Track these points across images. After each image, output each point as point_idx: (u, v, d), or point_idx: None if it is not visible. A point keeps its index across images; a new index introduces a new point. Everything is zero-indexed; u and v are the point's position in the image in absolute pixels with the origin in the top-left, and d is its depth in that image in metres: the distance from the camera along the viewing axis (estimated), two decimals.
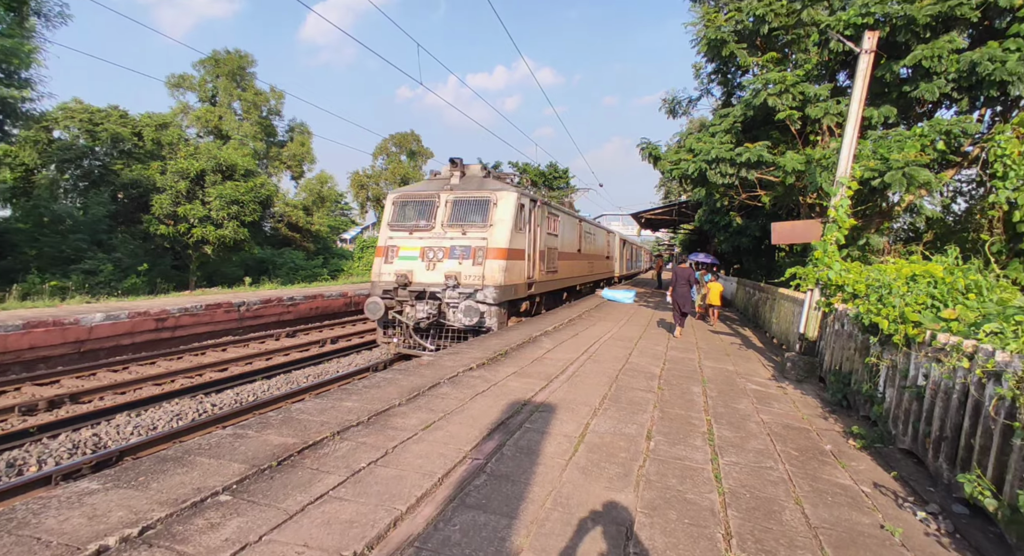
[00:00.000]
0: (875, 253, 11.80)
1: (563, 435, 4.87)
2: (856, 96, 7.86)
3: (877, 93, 11.05)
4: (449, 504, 3.40)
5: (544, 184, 47.74)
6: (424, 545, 2.90)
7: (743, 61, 13.20)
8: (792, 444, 5.23)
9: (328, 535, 2.89)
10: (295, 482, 3.49)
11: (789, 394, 7.44)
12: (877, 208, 11.51)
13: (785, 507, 3.78)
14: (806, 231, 8.86)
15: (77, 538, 2.64)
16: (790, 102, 11.09)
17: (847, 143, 8.06)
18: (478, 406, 5.52)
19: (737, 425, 5.71)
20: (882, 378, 5.75)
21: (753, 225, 18.84)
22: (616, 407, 5.96)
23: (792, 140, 12.63)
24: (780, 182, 11.62)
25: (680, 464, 4.42)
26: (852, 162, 8.18)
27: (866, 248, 11.46)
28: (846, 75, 12.92)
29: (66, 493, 3.10)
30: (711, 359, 9.65)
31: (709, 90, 18.04)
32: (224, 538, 2.78)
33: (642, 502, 3.65)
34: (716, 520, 3.49)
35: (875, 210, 11.57)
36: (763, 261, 20.88)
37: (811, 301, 8.69)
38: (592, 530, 3.22)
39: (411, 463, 3.95)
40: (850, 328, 7.05)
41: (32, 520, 2.78)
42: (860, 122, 8.17)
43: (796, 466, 4.63)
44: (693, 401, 6.55)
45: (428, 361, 7.44)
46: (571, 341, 10.25)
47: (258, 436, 4.20)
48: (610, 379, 7.29)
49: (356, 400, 5.35)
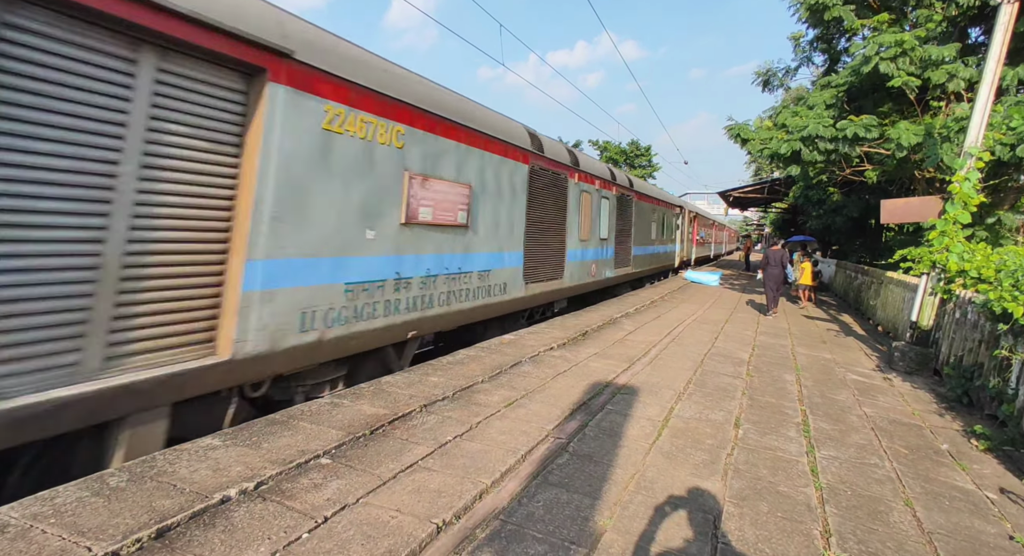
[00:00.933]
0: (1009, 232, 10.45)
1: (646, 418, 4.78)
2: (993, 54, 6.91)
3: (1012, 50, 9.66)
4: (532, 480, 3.46)
5: (625, 162, 46.44)
6: (509, 519, 2.98)
7: (850, 24, 11.98)
8: (900, 441, 4.82)
9: (418, 502, 3.04)
10: (387, 451, 3.69)
11: (897, 387, 6.84)
12: (1012, 182, 10.15)
13: (893, 508, 3.50)
14: (922, 209, 8.00)
15: (204, 487, 2.96)
16: (907, 67, 9.95)
17: (979, 108, 7.12)
18: (559, 386, 5.55)
19: (836, 417, 5.34)
20: (1015, 373, 5.13)
21: (853, 202, 17.16)
22: (701, 392, 5.76)
23: (908, 109, 11.38)
24: (890, 155, 10.52)
25: (771, 455, 4.21)
26: (984, 130, 7.23)
27: (997, 228, 10.17)
28: (980, 31, 11.38)
29: (195, 447, 3.48)
30: (805, 346, 9.05)
31: (810, 58, 16.59)
32: (326, 498, 3.00)
33: (730, 491, 3.52)
34: (812, 516, 3.30)
35: (1009, 185, 10.21)
36: (866, 241, 19.12)
37: (926, 286, 7.88)
38: (677, 516, 3.16)
39: (495, 439, 4.05)
40: (975, 317, 6.34)
41: (169, 468, 3.15)
42: (997, 85, 7.17)
43: (905, 465, 4.26)
44: (786, 389, 6.19)
45: (510, 340, 7.55)
46: (653, 323, 10.00)
47: (352, 405, 4.47)
48: (695, 363, 7.05)
49: (441, 376, 5.55)
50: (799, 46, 16.27)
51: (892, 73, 9.99)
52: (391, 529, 2.74)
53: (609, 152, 45.93)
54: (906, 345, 7.95)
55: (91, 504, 2.70)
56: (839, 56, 15.22)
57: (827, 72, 15.34)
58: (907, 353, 7.79)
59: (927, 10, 11.14)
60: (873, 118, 10.33)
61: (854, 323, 12.74)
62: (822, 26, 13.32)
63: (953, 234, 7.25)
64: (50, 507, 2.64)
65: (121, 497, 2.79)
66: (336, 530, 2.70)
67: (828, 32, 14.19)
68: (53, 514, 2.58)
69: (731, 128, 13.50)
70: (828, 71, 15.43)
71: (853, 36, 13.31)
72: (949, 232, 7.27)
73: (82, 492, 2.81)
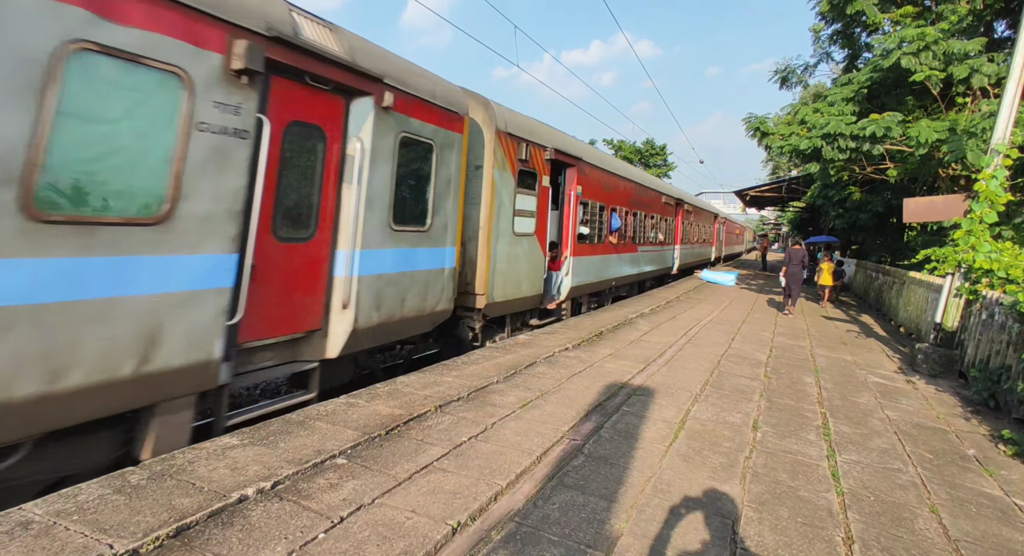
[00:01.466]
0: None
1: (662, 420, 4.74)
2: (1020, 48, 6.72)
3: None
4: (548, 482, 3.44)
5: (640, 161, 46.12)
6: (524, 521, 2.96)
7: (872, 18, 11.74)
8: (925, 445, 4.70)
9: (433, 503, 3.04)
10: (402, 451, 3.70)
11: (920, 389, 6.69)
12: None
13: (918, 515, 3.42)
14: (946, 207, 7.82)
15: (223, 486, 2.99)
16: (930, 62, 9.71)
17: (1007, 104, 6.94)
18: (574, 386, 5.52)
19: (857, 421, 5.23)
20: None
21: (875, 200, 16.81)
22: (718, 394, 5.69)
23: (931, 105, 11.12)
24: (912, 153, 10.29)
25: (791, 458, 4.14)
26: (1012, 127, 7.03)
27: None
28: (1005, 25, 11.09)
29: (213, 446, 3.51)
30: (825, 347, 8.90)
31: (829, 54, 16.31)
32: (342, 498, 3.01)
33: (749, 496, 3.47)
34: (834, 522, 3.23)
35: None
36: (887, 240, 18.73)
37: (950, 286, 7.69)
38: (694, 520, 3.11)
39: (509, 440, 4.04)
40: (1003, 318, 6.17)
41: (188, 467, 3.19)
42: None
43: (930, 470, 4.16)
44: (805, 392, 6.09)
45: (525, 340, 7.54)
46: (668, 324, 9.90)
47: (368, 405, 4.49)
48: (711, 364, 6.97)
49: (456, 376, 5.55)
50: (818, 40, 15.99)
51: (914, 68, 9.76)
52: (407, 530, 2.74)
53: (623, 151, 45.64)
54: (930, 347, 7.77)
55: (113, 502, 2.74)
56: (860, 52, 14.93)
57: (847, 68, 15.06)
58: (931, 355, 7.61)
59: (951, 3, 10.87)
60: (895, 115, 10.10)
61: (875, 324, 12.50)
62: (843, 20, 13.07)
63: (979, 233, 7.07)
64: (73, 504, 2.69)
65: (142, 495, 2.83)
66: (352, 530, 2.71)
67: (850, 27, 13.92)
68: (76, 511, 2.63)
69: (751, 122, 13.33)
70: (849, 68, 15.15)
71: (875, 31, 13.04)
72: (975, 231, 7.09)
73: (104, 490, 2.85)
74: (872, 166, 11.94)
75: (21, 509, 2.61)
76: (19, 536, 2.39)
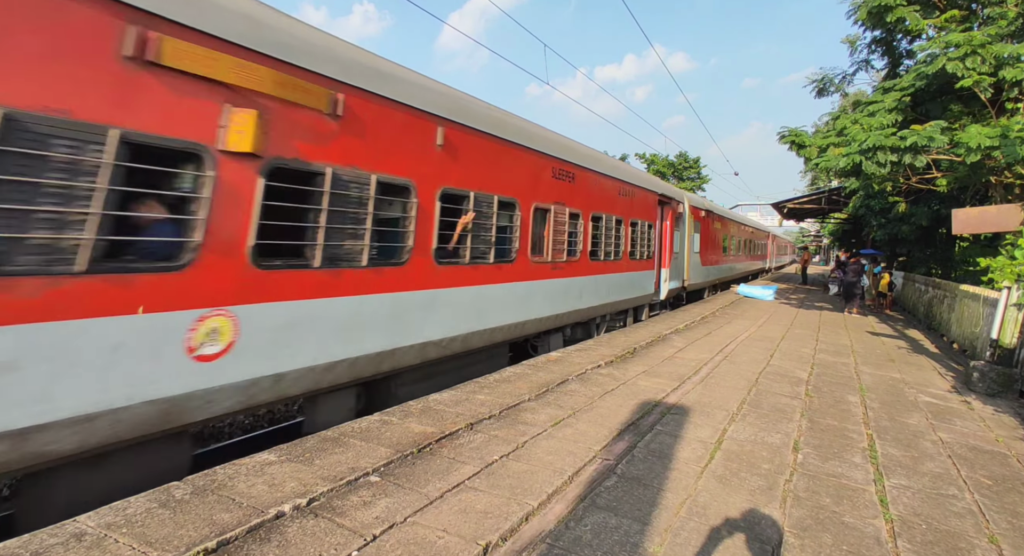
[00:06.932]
0: None
1: (698, 440, 4.62)
2: None
3: None
4: (580, 503, 3.40)
5: (673, 175, 45.66)
6: (555, 543, 2.93)
7: (914, 25, 11.39)
8: (983, 470, 4.44)
9: (465, 523, 3.04)
10: (434, 469, 3.73)
11: (976, 410, 6.34)
12: None
13: (976, 545, 3.22)
14: (1000, 218, 7.46)
15: (261, 502, 3.07)
16: (978, 66, 9.34)
17: None
18: (607, 405, 5.45)
19: (907, 443, 4.99)
20: None
21: (920, 211, 16.08)
22: (756, 413, 5.52)
23: (980, 111, 10.67)
24: (961, 162, 9.85)
25: (835, 482, 3.97)
26: None
27: None
28: None
29: (252, 462, 3.62)
30: (870, 365, 8.54)
31: (868, 62, 15.86)
32: (375, 516, 3.05)
33: (790, 520, 3.34)
34: (883, 550, 3.08)
35: None
36: (936, 252, 17.88)
37: (1008, 300, 7.30)
38: (731, 545, 3.02)
39: (541, 459, 4.01)
40: None
41: (228, 483, 3.29)
42: None
43: (989, 497, 3.92)
44: (849, 412, 5.85)
45: (557, 357, 7.50)
46: (704, 340, 9.69)
47: (401, 423, 4.55)
48: (749, 382, 6.77)
49: (488, 393, 5.56)
50: (855, 49, 15.61)
51: (961, 73, 9.40)
52: (438, 549, 2.76)
53: (656, 165, 45.31)
54: (986, 365, 7.36)
55: (158, 515, 2.85)
56: (900, 60, 14.49)
57: (888, 76, 14.62)
58: (987, 373, 7.20)
59: (1000, 7, 10.46)
60: (938, 124, 9.71)
61: (925, 339, 11.92)
62: (882, 27, 12.72)
63: None
64: (122, 517, 2.81)
65: (185, 509, 2.93)
66: (384, 549, 2.74)
67: (890, 34, 13.54)
68: (125, 524, 2.74)
69: (787, 135, 13.03)
70: (889, 75, 14.71)
71: (916, 38, 12.64)
72: None
73: (151, 503, 2.97)
74: (917, 177, 11.48)
75: (75, 521, 2.75)
76: (73, 548, 2.52)
